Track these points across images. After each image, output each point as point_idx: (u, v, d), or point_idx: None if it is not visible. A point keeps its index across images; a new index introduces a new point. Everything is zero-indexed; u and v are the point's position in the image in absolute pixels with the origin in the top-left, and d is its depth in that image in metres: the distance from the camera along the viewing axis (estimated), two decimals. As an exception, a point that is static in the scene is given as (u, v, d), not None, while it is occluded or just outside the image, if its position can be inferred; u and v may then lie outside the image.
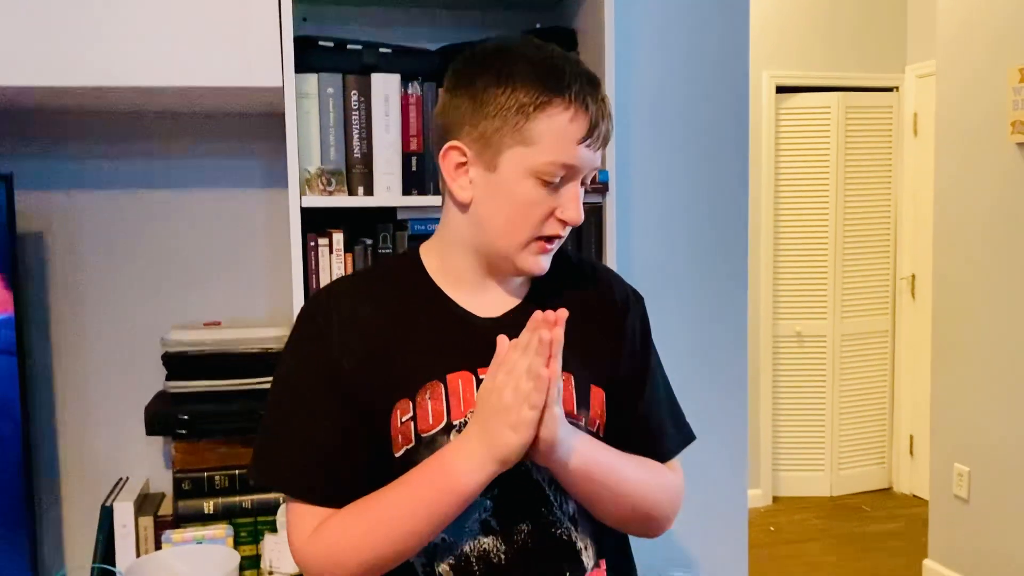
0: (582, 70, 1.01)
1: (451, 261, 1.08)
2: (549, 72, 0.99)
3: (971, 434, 3.27)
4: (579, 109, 0.98)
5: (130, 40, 1.47)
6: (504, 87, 0.98)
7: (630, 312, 1.13)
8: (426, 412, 1.01)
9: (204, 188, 1.87)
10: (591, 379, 1.07)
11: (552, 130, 0.97)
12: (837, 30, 4.46)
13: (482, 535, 1.01)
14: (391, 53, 1.70)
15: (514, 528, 1.02)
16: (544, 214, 1.01)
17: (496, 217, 1.02)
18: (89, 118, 1.80)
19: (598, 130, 0.99)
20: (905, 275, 4.58)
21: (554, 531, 1.04)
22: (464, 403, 1.01)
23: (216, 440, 1.74)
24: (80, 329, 1.83)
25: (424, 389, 1.02)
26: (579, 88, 0.98)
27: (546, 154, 0.98)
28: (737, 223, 2.11)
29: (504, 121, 0.98)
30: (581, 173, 1.01)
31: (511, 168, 0.99)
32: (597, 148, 1.01)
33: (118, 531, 1.68)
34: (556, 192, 1.00)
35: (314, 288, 1.61)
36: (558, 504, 1.04)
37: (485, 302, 1.07)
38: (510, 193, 1.00)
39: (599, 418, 1.07)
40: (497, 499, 1.01)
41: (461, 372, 1.03)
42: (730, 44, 2.09)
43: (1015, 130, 2.97)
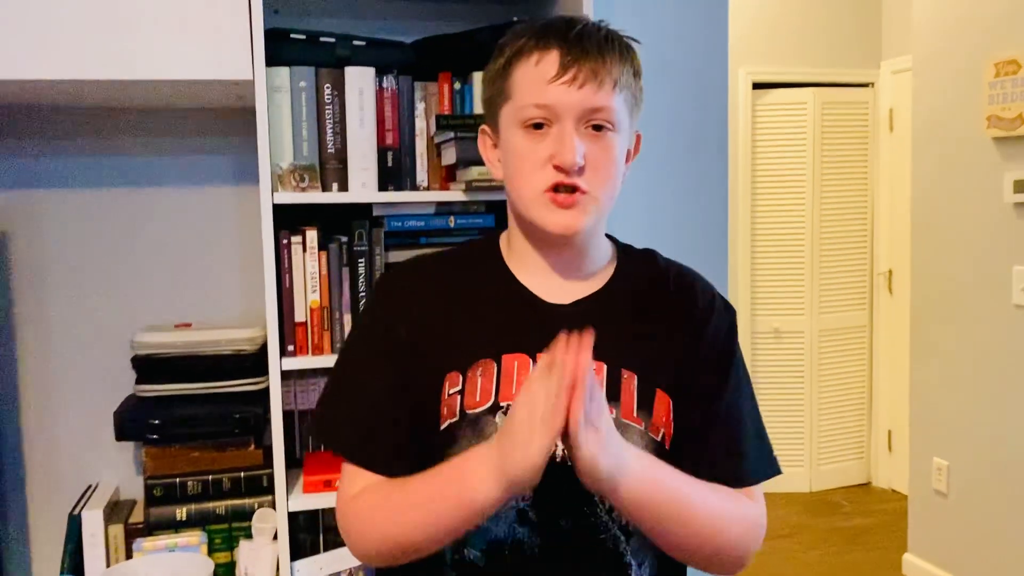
0: (574, 22, 0.99)
1: (515, 243, 1.07)
2: (531, 30, 0.99)
3: (950, 428, 3.28)
4: (547, 49, 0.96)
5: (96, 33, 1.42)
6: (495, 58, 1.02)
7: (712, 320, 1.07)
8: (475, 388, 0.99)
9: (174, 185, 1.82)
10: (657, 383, 1.02)
11: (524, 76, 0.98)
12: (813, 26, 4.47)
13: (518, 525, 0.98)
14: (365, 46, 1.66)
15: (553, 523, 0.98)
16: (539, 163, 0.97)
17: (511, 181, 1.02)
18: (55, 114, 1.75)
19: (574, 68, 0.95)
20: (882, 270, 4.60)
21: (598, 535, 0.99)
22: (517, 386, 0.98)
23: (188, 445, 1.70)
24: (46, 332, 1.77)
25: (477, 366, 1.00)
26: (554, 31, 0.97)
27: (521, 99, 0.98)
28: (717, 220, 2.10)
29: (494, 86, 1.02)
30: (564, 114, 0.96)
31: (505, 127, 1.01)
32: (582, 85, 0.96)
33: (87, 540, 1.63)
34: (548, 139, 0.97)
35: (287, 287, 1.57)
36: (605, 508, 0.99)
37: (555, 287, 1.05)
38: (508, 151, 1.01)
39: (664, 426, 1.02)
40: (537, 490, 0.94)
41: (518, 354, 1.00)
42: (708, 42, 2.08)
43: (991, 124, 2.98)
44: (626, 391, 1.00)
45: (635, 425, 1.00)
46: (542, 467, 0.86)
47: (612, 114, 0.98)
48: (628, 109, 1.02)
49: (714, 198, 2.09)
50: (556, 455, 0.96)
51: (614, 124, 0.99)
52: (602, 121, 0.97)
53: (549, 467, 0.91)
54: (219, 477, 1.70)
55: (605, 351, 0.98)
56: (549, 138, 0.97)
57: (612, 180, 1.01)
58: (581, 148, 0.96)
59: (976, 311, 3.13)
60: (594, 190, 0.98)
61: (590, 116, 0.97)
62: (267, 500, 1.69)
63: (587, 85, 0.96)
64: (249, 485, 1.70)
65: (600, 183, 0.99)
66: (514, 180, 1.01)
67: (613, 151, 0.99)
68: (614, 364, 1.01)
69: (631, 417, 1.00)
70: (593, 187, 0.98)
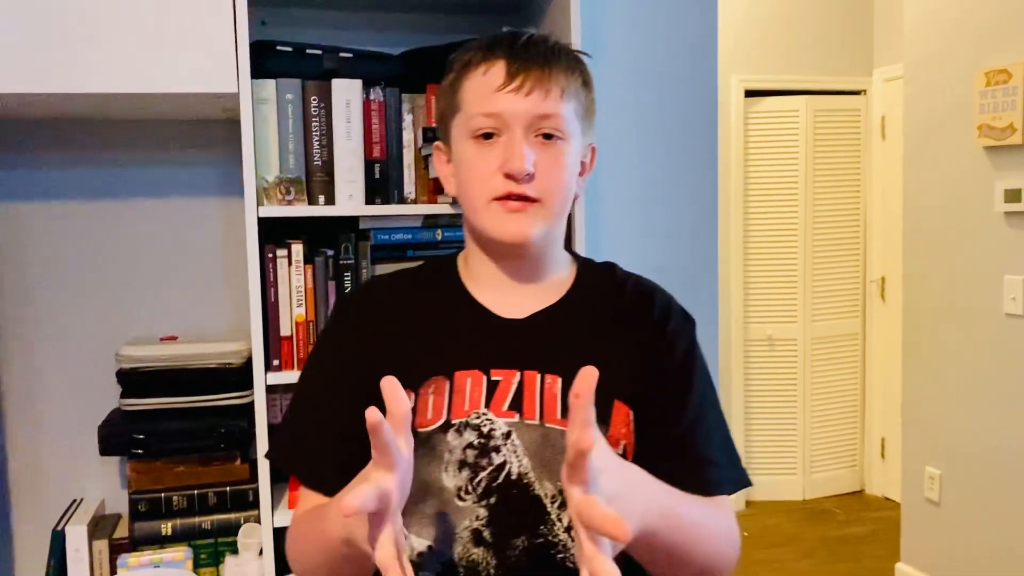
0: (519, 34, 0.99)
1: (471, 259, 1.06)
2: (478, 44, 1.01)
3: (942, 437, 3.27)
4: (494, 60, 0.97)
5: (80, 46, 1.42)
6: (446, 74, 1.04)
7: (668, 330, 1.06)
8: (426, 406, 0.98)
9: (160, 197, 1.81)
10: (614, 394, 1.00)
11: (472, 87, 0.99)
12: (805, 34, 4.47)
13: (473, 545, 0.96)
14: (352, 58, 1.65)
15: (508, 543, 0.96)
16: (489, 172, 0.97)
17: (462, 193, 1.02)
18: (40, 126, 1.74)
19: (521, 76, 0.96)
20: (875, 278, 4.60)
21: (554, 554, 0.97)
22: (470, 402, 0.97)
23: (174, 459, 1.68)
24: (31, 345, 1.76)
25: (429, 383, 0.99)
26: (500, 43, 0.98)
27: (470, 109, 0.98)
28: (707, 228, 2.09)
29: (444, 101, 1.03)
30: (513, 122, 0.96)
31: (456, 139, 1.02)
32: (529, 93, 0.96)
33: (71, 555, 1.62)
34: (498, 148, 0.97)
35: (272, 302, 1.56)
36: (563, 526, 0.97)
37: (510, 302, 1.04)
38: (460, 163, 1.01)
39: (624, 437, 1.00)
40: (493, 508, 0.95)
41: (471, 371, 0.99)
42: (698, 49, 2.08)
43: (982, 133, 2.98)
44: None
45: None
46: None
47: (561, 122, 0.97)
48: (578, 119, 1.01)
49: (704, 206, 2.09)
50: (512, 471, 0.96)
51: (564, 132, 0.98)
52: (551, 129, 0.97)
53: (504, 483, 0.91)
54: (204, 492, 1.68)
55: (560, 364, 0.99)
56: (499, 147, 0.97)
57: (563, 189, 1.00)
58: (531, 156, 0.96)
59: (967, 320, 3.13)
60: (545, 198, 0.97)
61: (539, 124, 0.97)
62: (253, 515, 1.68)
63: (534, 93, 0.96)
64: (235, 500, 1.69)
65: (551, 191, 0.98)
66: (466, 191, 1.00)
67: (563, 159, 0.99)
68: (569, 376, 0.99)
69: None
70: (544, 195, 0.97)
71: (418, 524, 0.97)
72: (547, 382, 0.99)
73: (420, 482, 0.96)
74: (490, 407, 0.98)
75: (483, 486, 0.95)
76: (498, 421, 0.97)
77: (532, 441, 0.97)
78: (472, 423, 0.97)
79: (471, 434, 0.97)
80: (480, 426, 0.97)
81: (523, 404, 0.98)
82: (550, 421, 0.98)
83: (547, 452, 0.97)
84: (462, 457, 0.96)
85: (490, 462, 0.96)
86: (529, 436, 0.97)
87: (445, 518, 0.96)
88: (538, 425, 0.97)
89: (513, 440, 0.97)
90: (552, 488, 0.96)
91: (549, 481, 0.96)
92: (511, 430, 0.97)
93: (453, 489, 0.96)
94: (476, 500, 0.95)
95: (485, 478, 0.96)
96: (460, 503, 0.96)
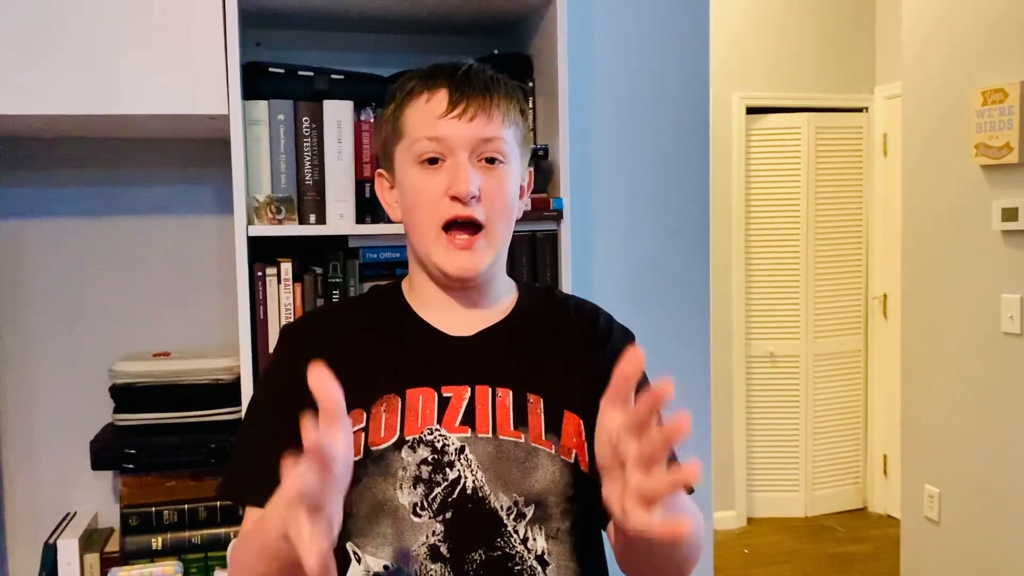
0: (459, 64, 1.04)
1: (417, 283, 1.09)
2: (419, 73, 1.05)
3: (941, 455, 3.26)
4: (436, 88, 1.01)
5: (71, 67, 1.44)
6: (387, 103, 1.07)
7: (611, 343, 1.09)
8: (379, 424, 0.99)
9: (154, 215, 1.83)
10: (564, 404, 1.03)
11: (415, 113, 1.02)
12: (807, 51, 4.49)
13: (430, 561, 0.97)
14: (343, 79, 1.68)
15: (465, 557, 0.97)
16: (435, 197, 1.00)
17: (409, 219, 1.05)
18: (33, 144, 1.76)
19: (463, 103, 1.00)
20: (877, 295, 4.60)
21: (512, 566, 0.98)
22: (422, 419, 0.99)
23: (165, 474, 1.70)
24: (25, 360, 1.78)
25: (380, 401, 1.00)
26: (441, 72, 1.03)
27: (414, 135, 1.02)
28: (699, 245, 2.10)
29: (387, 128, 1.06)
30: (457, 146, 1.00)
31: (400, 165, 1.04)
32: (472, 118, 1.00)
33: (62, 569, 1.63)
34: (443, 173, 1.01)
35: (261, 319, 1.58)
36: (520, 538, 0.99)
37: (457, 321, 1.06)
38: (405, 188, 1.04)
39: (575, 447, 1.03)
40: (449, 523, 0.97)
41: (423, 388, 1.01)
42: (691, 66, 2.09)
43: (979, 152, 2.99)
44: (533, 415, 1.01)
45: (544, 448, 1.00)
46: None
47: (503, 145, 1.02)
48: (518, 143, 1.05)
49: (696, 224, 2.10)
50: (467, 485, 0.98)
51: (505, 156, 1.02)
52: (494, 153, 1.01)
53: (459, 498, 0.93)
54: (195, 506, 1.70)
55: (510, 377, 1.02)
56: (443, 172, 1.00)
57: (507, 212, 1.04)
58: (476, 179, 0.99)
59: (965, 338, 3.12)
60: (490, 222, 1.01)
61: (482, 148, 1.01)
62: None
63: (477, 118, 1.00)
64: (225, 514, 1.71)
65: (496, 215, 1.02)
66: (412, 216, 1.03)
67: (506, 182, 1.03)
68: (519, 389, 1.02)
69: (540, 440, 1.01)
70: (489, 219, 1.01)
71: (373, 543, 0.98)
72: (499, 395, 1.02)
73: (375, 501, 0.97)
74: (442, 423, 1.00)
75: (438, 502, 0.97)
76: (451, 437, 0.99)
77: (486, 454, 0.99)
78: (425, 439, 0.98)
79: (425, 450, 0.98)
80: (433, 442, 0.98)
81: (475, 418, 1.00)
82: (503, 433, 1.00)
83: (501, 464, 0.99)
84: (416, 473, 0.97)
85: (445, 477, 0.97)
86: (483, 450, 0.99)
87: (401, 535, 0.97)
88: (491, 438, 0.99)
89: (467, 455, 0.99)
90: (508, 500, 0.98)
91: (504, 493, 0.98)
92: (464, 445, 0.99)
93: (408, 506, 0.97)
94: (432, 516, 0.96)
95: (440, 493, 0.97)
96: (416, 519, 0.97)
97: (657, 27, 2.07)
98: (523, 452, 0.99)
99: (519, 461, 0.99)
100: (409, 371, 1.03)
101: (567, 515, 1.01)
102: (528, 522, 0.99)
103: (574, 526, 1.02)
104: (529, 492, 0.99)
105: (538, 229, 1.67)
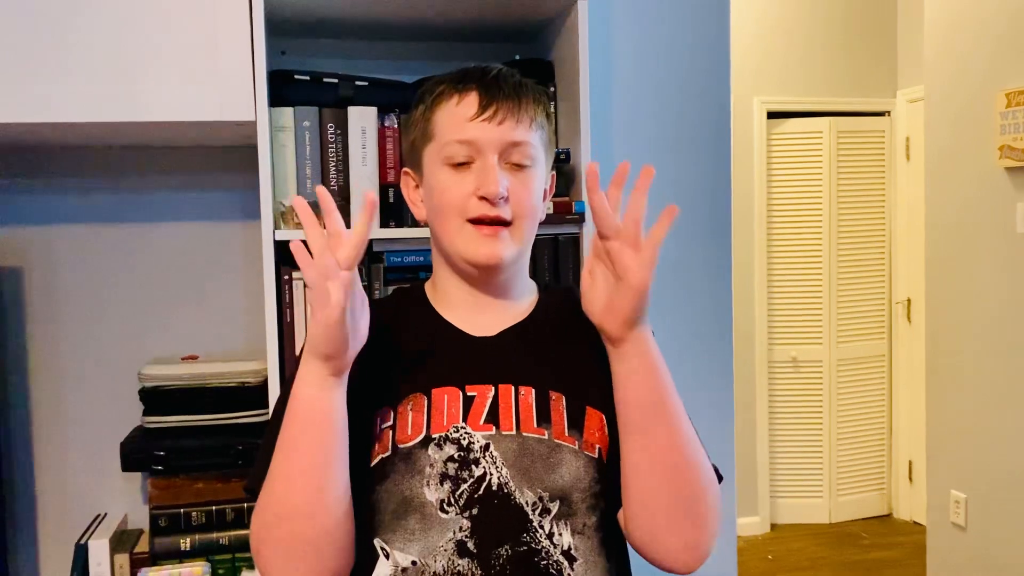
0: (489, 68, 1.06)
1: (440, 283, 1.11)
2: (449, 77, 1.06)
3: (968, 461, 3.24)
4: (467, 91, 1.04)
5: (101, 75, 1.47)
6: (417, 104, 1.09)
7: None
8: (406, 422, 1.02)
9: (183, 221, 1.86)
10: (586, 400, 1.05)
11: (445, 116, 1.04)
12: (828, 55, 4.47)
13: (457, 556, 0.99)
14: (368, 86, 1.70)
15: (492, 552, 0.99)
16: (464, 196, 1.02)
17: (435, 218, 1.06)
18: (65, 152, 1.80)
19: (493, 106, 1.02)
20: (900, 299, 4.57)
21: (538, 561, 1.00)
22: (448, 418, 1.01)
23: (193, 476, 1.73)
24: (58, 364, 1.82)
25: (407, 400, 1.03)
26: (472, 76, 1.05)
27: (444, 137, 1.04)
28: (720, 249, 2.11)
29: (417, 129, 1.08)
30: (487, 149, 1.02)
31: (429, 166, 1.06)
32: (501, 122, 1.02)
33: (93, 569, 1.66)
34: (472, 174, 1.03)
35: (287, 323, 1.60)
36: (545, 533, 1.00)
37: (480, 322, 1.08)
38: (433, 188, 1.06)
39: (599, 442, 1.04)
40: (476, 519, 0.99)
41: (447, 388, 1.03)
42: (712, 71, 2.10)
43: (1003, 155, 2.97)
44: (556, 412, 1.03)
45: (568, 444, 1.02)
46: (335, 319, 0.88)
47: (531, 149, 1.04)
48: (544, 147, 1.08)
49: (717, 228, 2.11)
50: (492, 482, 0.99)
51: (533, 160, 1.05)
52: (521, 157, 1.04)
53: (485, 494, 0.95)
54: (223, 508, 1.72)
55: (532, 376, 1.04)
56: (472, 173, 1.02)
57: (533, 212, 1.06)
58: (504, 180, 1.01)
59: (990, 342, 3.10)
60: (516, 220, 1.04)
61: (510, 151, 1.03)
62: (269, 531, 1.71)
63: (506, 122, 1.02)
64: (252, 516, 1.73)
65: (522, 215, 1.04)
66: (438, 213, 1.05)
67: (532, 185, 1.05)
68: (542, 387, 1.04)
69: (563, 437, 1.02)
70: (516, 217, 1.03)
71: (402, 539, 1.00)
72: (521, 393, 1.03)
73: (402, 498, 1.00)
74: (467, 422, 1.01)
75: (465, 498, 0.99)
76: (476, 434, 1.01)
77: (510, 451, 1.00)
78: (451, 437, 1.01)
79: (451, 447, 1.00)
80: (459, 439, 1.00)
81: (499, 416, 1.02)
82: (527, 430, 1.01)
83: (525, 461, 1.00)
84: (443, 470, 0.99)
85: (471, 474, 0.99)
86: (507, 447, 1.00)
87: (428, 532, 0.99)
88: (515, 435, 1.01)
89: (491, 452, 1.00)
90: (533, 496, 1.00)
91: (529, 489, 1.00)
92: (489, 442, 1.00)
93: (435, 502, 0.99)
94: (458, 512, 0.98)
95: (466, 490, 0.99)
96: (443, 515, 0.99)
97: (678, 32, 2.08)
98: (547, 448, 1.01)
99: (543, 457, 1.01)
100: (434, 371, 1.05)
101: (593, 511, 1.03)
102: (553, 517, 1.00)
103: (600, 521, 1.03)
104: (553, 488, 1.00)
105: (560, 232, 1.69)
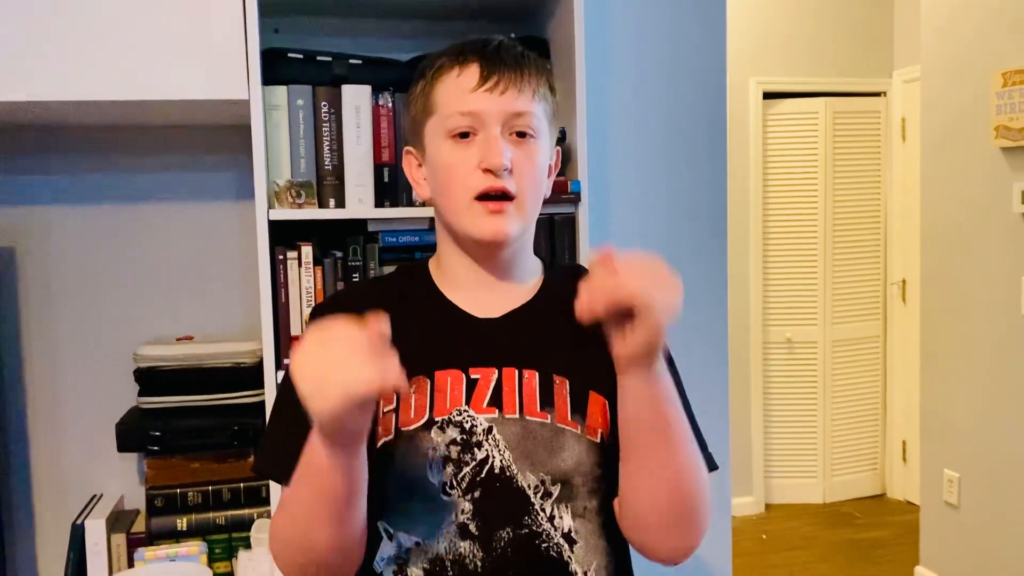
0: (490, 40, 1.04)
1: (445, 262, 1.09)
2: (449, 50, 1.04)
3: (961, 440, 3.25)
4: (468, 63, 1.01)
5: (92, 54, 1.46)
6: (417, 79, 1.07)
7: None
8: (409, 406, 1.01)
9: (177, 202, 1.85)
10: (590, 385, 1.04)
11: (446, 88, 1.02)
12: (824, 35, 4.46)
13: (459, 539, 0.99)
14: (361, 64, 1.69)
15: (493, 535, 0.99)
16: (467, 170, 1.01)
17: (440, 195, 1.04)
18: (59, 133, 1.79)
19: (495, 77, 1.00)
20: (896, 280, 4.57)
21: (539, 544, 1.00)
22: (451, 401, 1.01)
23: (189, 456, 1.73)
24: (52, 345, 1.81)
25: (411, 383, 1.01)
26: (472, 47, 1.03)
27: (446, 110, 1.02)
28: (716, 230, 2.11)
29: (418, 104, 1.06)
30: (489, 120, 1.00)
31: (431, 141, 1.04)
32: (503, 92, 1.00)
33: (90, 549, 1.67)
34: (475, 146, 1.01)
35: (283, 303, 1.60)
36: (547, 516, 1.00)
37: (486, 303, 1.07)
38: (436, 164, 1.03)
39: (601, 427, 1.04)
40: (478, 502, 0.99)
41: (451, 370, 1.02)
42: (707, 51, 2.09)
43: (999, 135, 2.96)
44: (559, 396, 1.02)
45: (571, 429, 1.02)
46: (340, 408, 0.82)
47: (533, 120, 1.02)
48: (547, 119, 1.05)
49: (713, 209, 2.10)
50: (495, 465, 0.99)
51: (536, 131, 1.03)
52: (524, 127, 1.02)
53: (487, 477, 0.94)
54: (219, 488, 1.73)
55: (536, 359, 1.03)
56: (475, 145, 1.00)
57: (537, 185, 1.04)
58: (508, 152, 1.00)
59: (985, 322, 3.11)
60: (521, 193, 1.01)
61: (513, 122, 1.01)
62: (266, 511, 1.72)
63: (508, 91, 1.00)
64: (248, 496, 1.73)
65: (526, 187, 1.02)
66: (444, 190, 1.03)
67: (536, 156, 1.03)
68: (545, 371, 1.03)
69: (566, 422, 1.02)
70: (520, 190, 1.01)
71: (404, 521, 1.00)
72: (525, 377, 1.02)
73: (405, 480, 0.99)
74: (470, 404, 1.01)
75: (467, 480, 0.99)
76: (479, 417, 1.00)
77: (513, 435, 1.00)
78: (454, 420, 1.00)
79: (453, 430, 1.00)
80: (462, 422, 1.00)
81: (503, 400, 1.01)
82: (530, 414, 1.01)
83: (528, 444, 1.00)
84: (446, 453, 0.99)
85: (473, 457, 0.99)
86: (510, 430, 1.00)
87: (431, 514, 0.99)
88: (518, 419, 1.01)
89: (494, 435, 1.00)
90: (535, 479, 0.99)
91: (531, 472, 0.99)
92: (492, 425, 1.00)
93: (438, 485, 0.99)
94: (461, 494, 0.98)
95: (469, 473, 0.99)
96: (445, 498, 0.99)
97: (674, 11, 2.07)
98: (549, 432, 1.01)
99: (545, 441, 1.00)
100: (438, 353, 1.04)
101: (594, 494, 1.03)
102: (555, 500, 1.00)
103: (601, 505, 1.03)
104: (555, 471, 1.00)
105: (556, 212, 1.68)
